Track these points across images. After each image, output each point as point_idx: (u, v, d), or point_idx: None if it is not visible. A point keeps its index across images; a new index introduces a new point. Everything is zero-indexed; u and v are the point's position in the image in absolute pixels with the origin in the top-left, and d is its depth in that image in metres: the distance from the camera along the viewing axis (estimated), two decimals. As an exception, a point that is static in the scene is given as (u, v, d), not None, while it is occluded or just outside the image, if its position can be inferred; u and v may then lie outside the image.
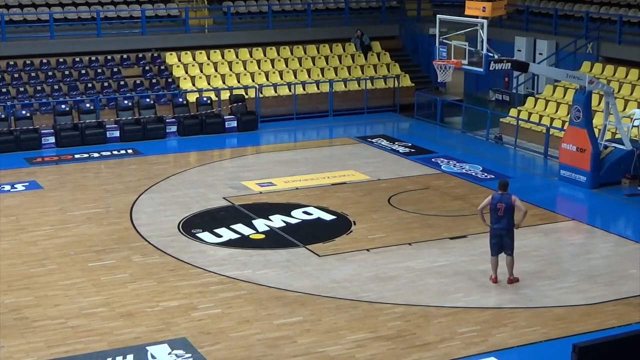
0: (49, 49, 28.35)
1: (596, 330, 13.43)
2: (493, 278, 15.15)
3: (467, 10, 21.48)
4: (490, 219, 14.98)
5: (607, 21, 27.94)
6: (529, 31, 29.88)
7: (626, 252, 16.90)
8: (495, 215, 14.89)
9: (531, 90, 29.28)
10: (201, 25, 30.91)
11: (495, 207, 14.86)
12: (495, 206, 14.86)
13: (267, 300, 14.57)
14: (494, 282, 15.13)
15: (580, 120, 21.00)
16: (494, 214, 14.90)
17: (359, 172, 22.38)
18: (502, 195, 14.92)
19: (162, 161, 23.91)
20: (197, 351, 12.74)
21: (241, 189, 20.96)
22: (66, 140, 24.97)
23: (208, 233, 17.77)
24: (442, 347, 12.91)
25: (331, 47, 31.50)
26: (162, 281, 15.34)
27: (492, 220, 14.96)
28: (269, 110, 28.57)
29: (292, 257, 16.52)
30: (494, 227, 14.96)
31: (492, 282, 15.14)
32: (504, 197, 14.90)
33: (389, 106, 30.03)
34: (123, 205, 19.63)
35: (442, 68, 21.31)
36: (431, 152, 24.36)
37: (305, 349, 12.85)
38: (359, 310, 14.16)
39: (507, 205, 14.83)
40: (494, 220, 14.93)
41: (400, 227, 18.21)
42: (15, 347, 12.84)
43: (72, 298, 14.61)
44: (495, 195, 14.97)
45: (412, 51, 33.17)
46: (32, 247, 17.06)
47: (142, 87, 28.13)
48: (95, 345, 12.94)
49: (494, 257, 15.13)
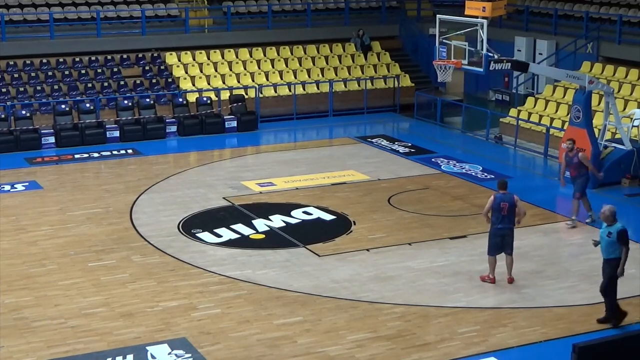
0: (49, 49, 28.36)
1: (596, 330, 13.44)
2: (492, 278, 15.15)
3: (467, 10, 21.48)
4: (493, 219, 14.97)
5: (607, 21, 27.96)
6: (529, 31, 29.89)
7: (626, 252, 16.88)
8: (498, 214, 14.88)
9: (531, 90, 29.29)
10: (201, 25, 30.93)
11: (499, 207, 14.85)
12: (498, 205, 14.85)
13: (267, 300, 14.57)
14: (493, 282, 15.12)
15: (580, 120, 21.00)
16: (497, 213, 14.88)
17: (359, 172, 22.38)
18: (504, 195, 14.93)
19: (162, 161, 23.91)
20: (197, 351, 12.75)
21: (241, 189, 20.96)
22: (66, 140, 24.98)
23: (208, 233, 17.77)
24: (442, 347, 12.91)
25: (331, 47, 31.51)
26: (162, 281, 15.34)
27: (495, 220, 14.93)
28: (268, 110, 28.57)
29: (292, 257, 16.52)
30: (498, 227, 14.94)
31: (490, 282, 15.13)
32: (506, 196, 14.91)
33: (389, 106, 30.04)
34: (123, 205, 19.63)
35: (442, 68, 21.32)
36: (431, 152, 24.37)
37: (305, 349, 12.85)
38: (359, 310, 14.16)
39: (510, 204, 14.86)
40: (497, 220, 14.91)
41: (400, 227, 18.21)
42: (15, 347, 12.84)
43: (72, 298, 14.61)
44: (497, 195, 14.97)
45: (412, 51, 33.17)
46: (32, 247, 17.07)
47: (142, 87, 28.13)
48: (95, 345, 12.94)
49: (493, 257, 15.13)
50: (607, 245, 13.33)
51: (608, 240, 13.29)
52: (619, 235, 13.21)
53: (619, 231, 13.22)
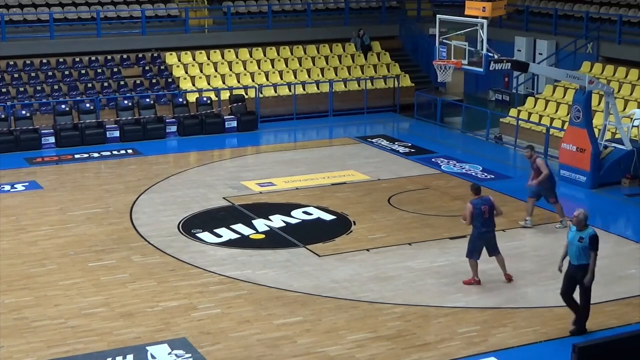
0: (49, 49, 28.36)
1: (596, 330, 13.43)
2: (477, 280, 15.14)
3: (467, 10, 21.48)
4: (478, 224, 14.91)
5: (607, 21, 27.96)
6: (528, 31, 29.89)
7: (626, 252, 16.91)
8: (481, 219, 14.86)
9: (531, 90, 29.29)
10: (201, 25, 30.93)
11: (480, 212, 14.83)
12: (480, 210, 14.83)
13: (267, 300, 14.57)
14: (479, 283, 15.10)
15: (580, 120, 21.00)
16: (479, 218, 14.85)
17: (359, 172, 22.38)
18: (482, 199, 14.99)
19: (162, 161, 23.91)
20: (197, 351, 12.75)
21: (241, 189, 20.96)
22: (66, 140, 24.98)
23: (208, 233, 17.77)
24: (442, 347, 12.91)
25: (331, 47, 31.51)
26: (162, 281, 15.34)
27: (481, 225, 14.88)
28: (268, 110, 28.57)
29: (292, 257, 16.52)
30: (483, 231, 14.92)
31: (476, 284, 15.10)
32: (483, 199, 15.00)
33: (389, 106, 30.04)
34: (123, 205, 19.63)
35: (442, 68, 21.32)
36: (431, 152, 24.37)
37: (305, 349, 12.85)
38: (359, 310, 14.16)
39: (489, 206, 14.95)
40: (481, 225, 14.89)
41: (400, 227, 18.22)
42: (15, 347, 12.84)
43: (72, 298, 14.61)
44: (475, 201, 14.96)
45: (412, 51, 33.17)
46: (32, 247, 17.07)
47: (142, 87, 28.13)
48: (95, 345, 12.94)
49: (475, 260, 15.12)
50: (579, 250, 12.96)
51: (579, 246, 12.94)
52: (591, 240, 12.88)
53: (591, 236, 12.90)
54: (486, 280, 15.26)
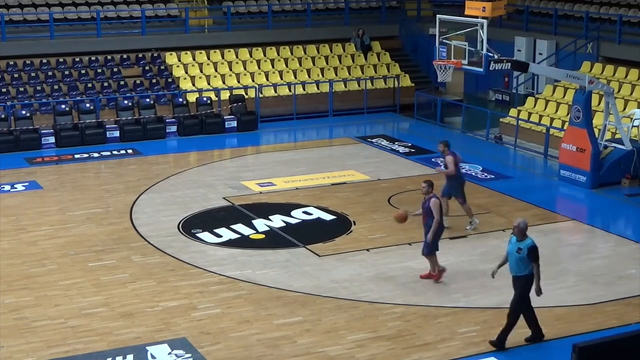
0: (49, 49, 28.36)
1: (596, 330, 13.44)
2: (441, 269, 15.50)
3: (467, 10, 21.49)
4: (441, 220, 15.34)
5: (607, 21, 27.95)
6: (528, 31, 29.88)
7: (626, 252, 16.90)
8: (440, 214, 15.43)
9: (531, 90, 29.29)
10: (201, 25, 30.92)
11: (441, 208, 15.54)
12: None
13: (267, 300, 14.57)
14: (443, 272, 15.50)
15: (580, 120, 21.00)
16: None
17: (359, 172, 22.38)
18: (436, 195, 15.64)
19: (162, 161, 23.91)
20: (197, 351, 12.75)
21: (241, 189, 20.96)
22: (66, 140, 24.97)
23: (208, 233, 17.77)
24: (442, 347, 12.91)
25: (331, 47, 31.50)
26: (162, 281, 15.34)
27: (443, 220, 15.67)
28: (268, 110, 28.57)
29: (292, 257, 16.52)
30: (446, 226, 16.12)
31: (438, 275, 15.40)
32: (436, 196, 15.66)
33: (388, 106, 30.04)
34: (123, 205, 19.63)
35: (442, 68, 21.32)
36: (431, 152, 24.35)
37: (305, 349, 12.85)
38: (359, 310, 14.16)
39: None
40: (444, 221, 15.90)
41: (400, 227, 18.15)
42: (15, 347, 12.84)
43: (72, 298, 14.61)
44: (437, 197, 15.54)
45: (412, 51, 33.17)
46: (32, 247, 17.06)
47: (142, 87, 28.13)
48: (95, 345, 12.94)
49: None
50: (517, 261, 12.66)
51: (518, 257, 12.62)
52: (530, 251, 12.54)
53: (529, 247, 12.56)
54: (486, 280, 15.23)
